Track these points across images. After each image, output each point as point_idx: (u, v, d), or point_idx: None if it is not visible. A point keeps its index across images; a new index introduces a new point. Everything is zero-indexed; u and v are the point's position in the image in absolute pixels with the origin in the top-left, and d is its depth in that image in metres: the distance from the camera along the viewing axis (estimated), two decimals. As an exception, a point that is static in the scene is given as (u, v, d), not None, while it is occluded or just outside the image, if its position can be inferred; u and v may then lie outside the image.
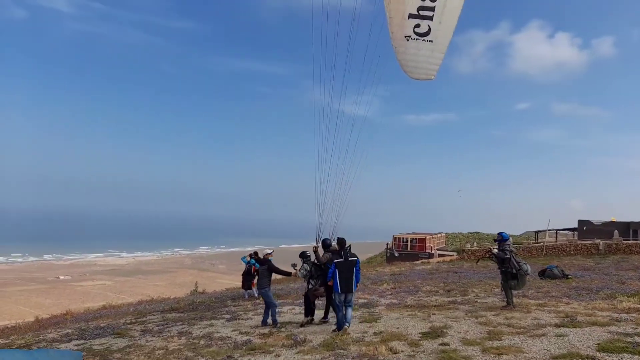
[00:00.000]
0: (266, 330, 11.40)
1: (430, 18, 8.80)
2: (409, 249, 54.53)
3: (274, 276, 12.88)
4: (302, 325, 11.51)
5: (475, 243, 51.75)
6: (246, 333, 11.19)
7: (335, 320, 10.82)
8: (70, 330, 13.45)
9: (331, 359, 8.16)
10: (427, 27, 8.87)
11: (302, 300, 16.01)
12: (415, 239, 55.68)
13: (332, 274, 10.48)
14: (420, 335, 9.74)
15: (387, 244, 59.28)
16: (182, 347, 10.05)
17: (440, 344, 8.79)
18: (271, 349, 9.36)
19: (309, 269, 11.12)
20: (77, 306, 42.04)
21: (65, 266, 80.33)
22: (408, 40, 9.10)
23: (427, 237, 56.31)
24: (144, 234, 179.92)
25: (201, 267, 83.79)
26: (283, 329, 11.38)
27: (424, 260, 40.64)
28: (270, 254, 12.38)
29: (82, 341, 11.40)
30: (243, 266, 19.25)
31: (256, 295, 18.57)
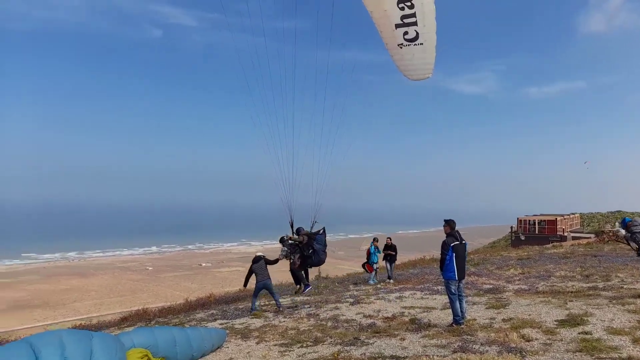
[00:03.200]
0: (389, 313, 11.61)
1: (415, 23, 9.71)
2: (537, 232, 50.14)
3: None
4: (295, 292, 13.81)
5: (617, 223, 45.59)
6: (370, 316, 11.53)
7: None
8: (214, 311, 15.16)
9: (458, 344, 8.06)
10: (415, 33, 9.86)
11: (423, 285, 15.98)
12: (544, 220, 50.91)
13: (449, 259, 9.50)
14: (557, 322, 9.10)
15: (512, 227, 55.29)
16: (311, 328, 10.74)
17: (581, 333, 8.13)
18: (396, 332, 9.53)
19: (286, 249, 12.98)
20: (218, 290, 46.89)
21: (206, 255, 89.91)
22: (401, 47, 10.18)
23: (558, 218, 51.18)
24: (269, 224, 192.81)
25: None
26: (407, 314, 11.48)
27: (555, 243, 37.11)
28: (263, 256, 14.01)
29: (225, 320, 12.81)
30: (360, 252, 19.71)
31: (372, 282, 18.92)
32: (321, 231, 12.53)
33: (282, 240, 13.48)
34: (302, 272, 13.35)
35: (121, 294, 49.42)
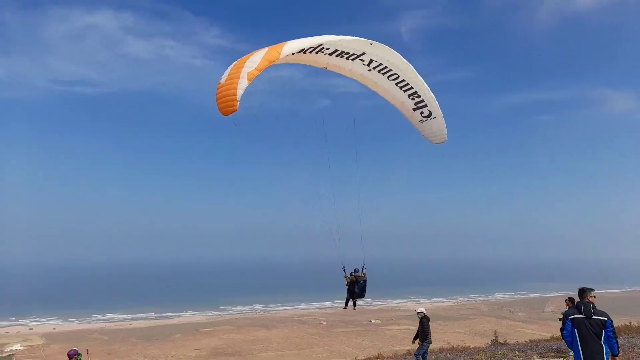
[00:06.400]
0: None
1: (426, 105, 13.60)
2: None
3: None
4: (344, 308, 15.28)
5: None
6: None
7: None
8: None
9: None
10: (428, 112, 13.70)
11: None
12: None
13: (567, 335, 7.77)
14: None
15: None
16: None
17: None
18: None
19: (348, 279, 14.90)
20: (387, 349, 46.45)
21: (375, 311, 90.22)
22: (422, 122, 13.97)
23: None
24: (439, 279, 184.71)
25: (499, 314, 79.26)
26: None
27: None
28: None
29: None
30: (545, 315, 17.64)
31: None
32: (363, 278, 15.05)
33: (347, 273, 15.68)
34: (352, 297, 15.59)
35: (299, 346, 52.59)
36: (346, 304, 16.22)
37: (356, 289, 14.92)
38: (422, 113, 13.79)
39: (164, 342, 56.97)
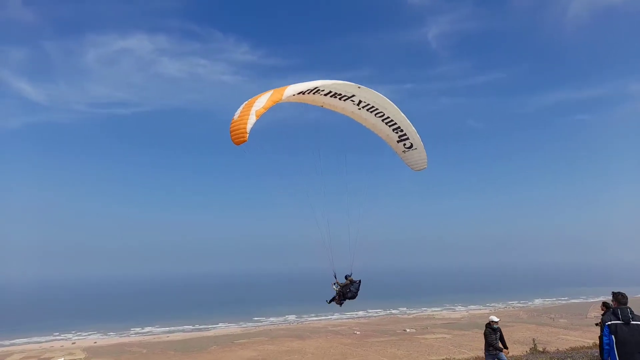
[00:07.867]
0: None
1: (408, 138, 15.43)
2: None
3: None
4: (329, 302, 15.89)
5: None
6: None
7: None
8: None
9: None
10: (410, 143, 15.53)
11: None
12: None
13: (606, 343, 6.96)
14: None
15: None
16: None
17: None
18: None
19: (338, 286, 15.64)
20: (422, 358, 45.69)
21: (409, 319, 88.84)
22: (405, 152, 15.81)
23: None
24: (474, 286, 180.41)
25: (539, 321, 76.66)
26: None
27: None
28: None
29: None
30: (588, 320, 17.08)
31: None
32: (358, 282, 15.81)
33: (337, 280, 16.36)
34: (340, 301, 16.15)
35: (334, 357, 52.35)
36: (331, 301, 16.83)
37: (352, 288, 15.70)
38: (404, 145, 15.70)
39: (200, 354, 57.85)
